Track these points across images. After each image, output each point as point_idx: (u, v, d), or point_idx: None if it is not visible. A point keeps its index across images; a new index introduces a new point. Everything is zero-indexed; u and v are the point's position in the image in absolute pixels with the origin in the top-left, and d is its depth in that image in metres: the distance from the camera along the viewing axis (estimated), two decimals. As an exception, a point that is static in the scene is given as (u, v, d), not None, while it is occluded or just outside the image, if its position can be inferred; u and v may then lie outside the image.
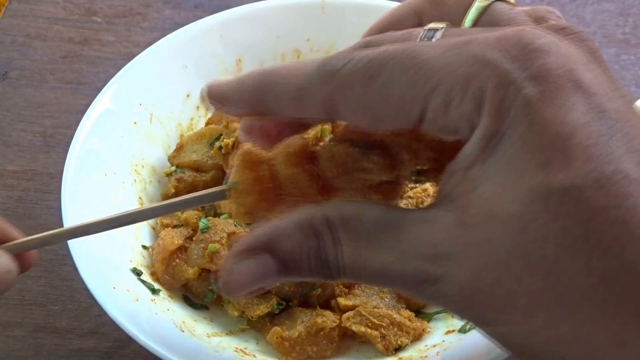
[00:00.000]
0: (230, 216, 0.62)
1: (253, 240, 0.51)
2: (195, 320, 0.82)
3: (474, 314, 0.47)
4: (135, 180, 0.90)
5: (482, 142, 0.44)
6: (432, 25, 0.53)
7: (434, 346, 0.78)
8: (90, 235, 0.74)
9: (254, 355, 0.78)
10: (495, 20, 0.60)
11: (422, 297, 0.50)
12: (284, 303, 0.83)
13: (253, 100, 0.54)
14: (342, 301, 0.82)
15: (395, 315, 0.80)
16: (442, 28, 0.52)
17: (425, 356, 0.77)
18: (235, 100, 0.55)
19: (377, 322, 0.79)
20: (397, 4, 1.02)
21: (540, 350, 0.45)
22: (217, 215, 0.87)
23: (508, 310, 0.45)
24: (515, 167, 0.43)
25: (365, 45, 0.55)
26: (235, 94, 0.55)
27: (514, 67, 0.43)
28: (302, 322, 0.80)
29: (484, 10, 0.61)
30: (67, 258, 0.78)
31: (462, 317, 0.50)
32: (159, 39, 0.97)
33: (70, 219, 0.78)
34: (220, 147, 0.87)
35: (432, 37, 0.52)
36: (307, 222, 0.50)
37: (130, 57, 0.97)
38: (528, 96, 0.42)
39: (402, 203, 0.88)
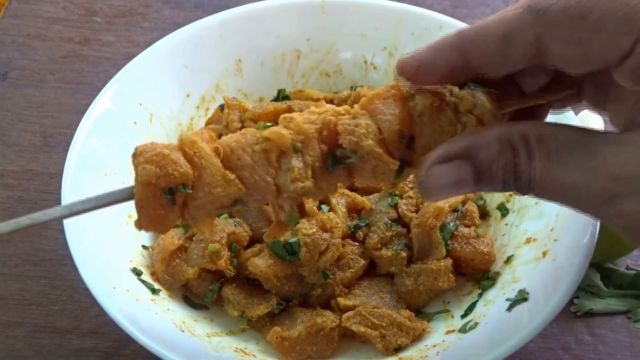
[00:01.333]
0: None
1: (451, 148, 0.57)
2: (195, 320, 0.82)
3: None
4: (135, 180, 0.90)
5: None
6: None
7: (434, 346, 0.78)
8: (89, 236, 0.74)
9: (254, 355, 0.78)
10: None
11: (601, 216, 0.55)
12: (284, 303, 0.83)
13: (454, 58, 0.57)
14: (342, 301, 0.82)
15: (395, 315, 0.80)
16: None
17: (425, 356, 0.77)
18: (433, 63, 0.58)
19: (377, 322, 0.79)
20: (396, 4, 1.02)
21: None
22: (217, 215, 0.87)
23: None
24: None
25: None
26: (435, 55, 0.58)
27: None
28: (302, 322, 0.80)
29: None
30: (67, 258, 0.78)
31: (636, 239, 0.55)
32: (159, 39, 0.97)
33: (70, 219, 0.78)
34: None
35: None
36: (505, 136, 0.55)
37: (130, 57, 0.97)
38: None
39: (402, 202, 0.88)
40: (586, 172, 0.52)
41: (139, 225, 0.61)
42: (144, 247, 0.87)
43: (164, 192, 0.59)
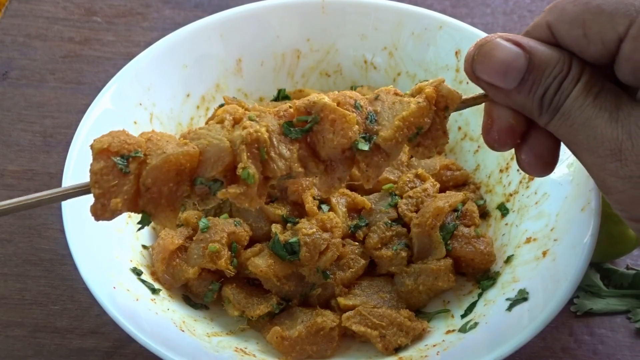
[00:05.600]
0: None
1: (521, 38, 0.65)
2: (195, 320, 0.82)
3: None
4: (135, 180, 0.90)
5: None
6: None
7: (434, 346, 0.79)
8: (89, 235, 0.74)
9: (254, 355, 0.78)
10: None
11: (599, 170, 0.62)
12: (284, 303, 0.83)
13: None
14: (342, 301, 0.82)
15: (395, 315, 0.80)
16: None
17: (425, 356, 0.77)
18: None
19: (377, 322, 0.79)
20: (396, 4, 1.02)
21: None
22: (217, 215, 0.87)
23: None
24: None
25: None
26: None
27: None
28: (302, 321, 0.81)
29: None
30: (67, 258, 0.78)
31: (625, 211, 0.62)
32: (159, 39, 0.97)
33: (70, 219, 0.78)
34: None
35: None
36: (567, 55, 0.63)
37: (130, 57, 0.97)
38: None
39: (402, 202, 0.88)
40: (610, 117, 0.60)
41: (94, 209, 0.63)
42: (144, 246, 0.87)
43: (118, 158, 0.63)
